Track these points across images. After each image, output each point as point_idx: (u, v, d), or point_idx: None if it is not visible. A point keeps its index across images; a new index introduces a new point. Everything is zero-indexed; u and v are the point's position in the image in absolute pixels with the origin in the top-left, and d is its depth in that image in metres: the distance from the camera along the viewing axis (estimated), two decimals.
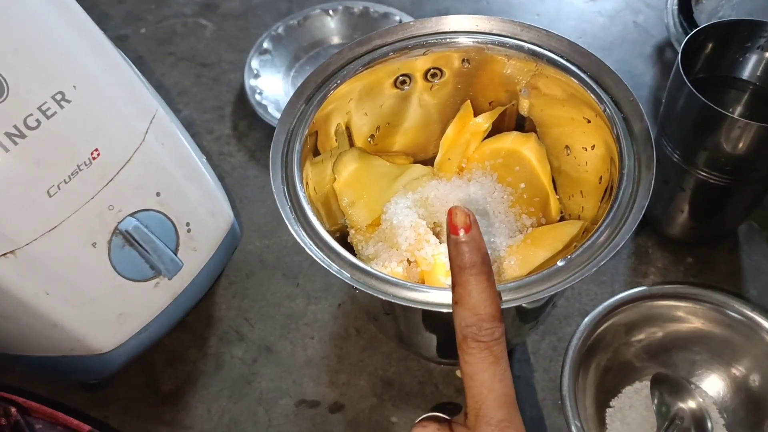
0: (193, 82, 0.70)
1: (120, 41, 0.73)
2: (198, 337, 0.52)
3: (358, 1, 0.70)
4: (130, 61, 0.44)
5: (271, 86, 0.65)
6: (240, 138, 0.64)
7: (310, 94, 0.40)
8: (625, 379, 0.47)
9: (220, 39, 0.74)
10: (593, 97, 0.37)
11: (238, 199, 0.60)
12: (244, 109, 0.66)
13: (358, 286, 0.32)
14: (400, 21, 0.67)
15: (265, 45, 0.67)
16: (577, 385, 0.43)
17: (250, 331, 0.52)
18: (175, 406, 0.49)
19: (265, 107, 0.62)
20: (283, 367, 0.50)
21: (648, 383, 0.46)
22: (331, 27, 0.69)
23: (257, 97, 0.63)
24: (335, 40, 0.69)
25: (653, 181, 0.34)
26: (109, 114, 0.40)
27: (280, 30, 0.68)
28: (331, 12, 0.69)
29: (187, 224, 0.45)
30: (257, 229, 0.58)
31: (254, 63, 0.66)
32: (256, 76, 0.65)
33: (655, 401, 0.44)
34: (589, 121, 0.39)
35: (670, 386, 0.45)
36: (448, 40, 0.41)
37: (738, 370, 0.45)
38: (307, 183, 0.38)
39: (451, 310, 0.31)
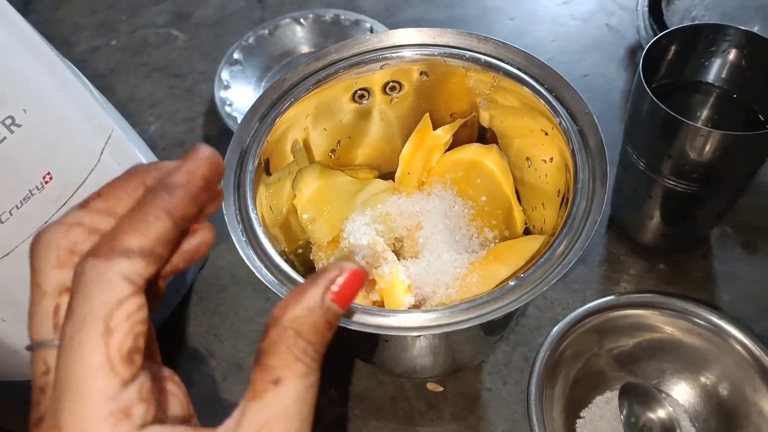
0: (165, 93, 0.69)
1: (91, 53, 0.72)
2: (166, 354, 0.51)
3: (329, 9, 0.69)
4: (85, 79, 0.43)
5: (242, 97, 0.65)
6: None
7: (265, 112, 0.39)
8: (596, 389, 0.47)
9: (193, 49, 0.73)
10: (549, 109, 0.37)
11: None
12: (215, 121, 0.66)
13: None
14: (371, 28, 0.66)
15: (236, 55, 0.67)
16: (545, 396, 0.42)
17: (220, 347, 0.52)
18: None
19: (235, 119, 0.62)
20: None
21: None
22: (302, 36, 0.69)
23: (227, 108, 0.63)
24: (306, 49, 0.68)
25: (606, 197, 0.33)
26: (62, 136, 0.39)
27: (251, 40, 0.67)
28: (302, 20, 0.69)
29: None
30: (229, 243, 0.57)
31: (225, 74, 0.65)
32: (227, 87, 0.65)
33: (624, 412, 0.44)
34: (546, 133, 0.38)
35: (639, 396, 0.44)
36: (404, 53, 0.41)
37: (708, 379, 0.45)
38: (261, 204, 0.37)
39: (404, 334, 0.31)
